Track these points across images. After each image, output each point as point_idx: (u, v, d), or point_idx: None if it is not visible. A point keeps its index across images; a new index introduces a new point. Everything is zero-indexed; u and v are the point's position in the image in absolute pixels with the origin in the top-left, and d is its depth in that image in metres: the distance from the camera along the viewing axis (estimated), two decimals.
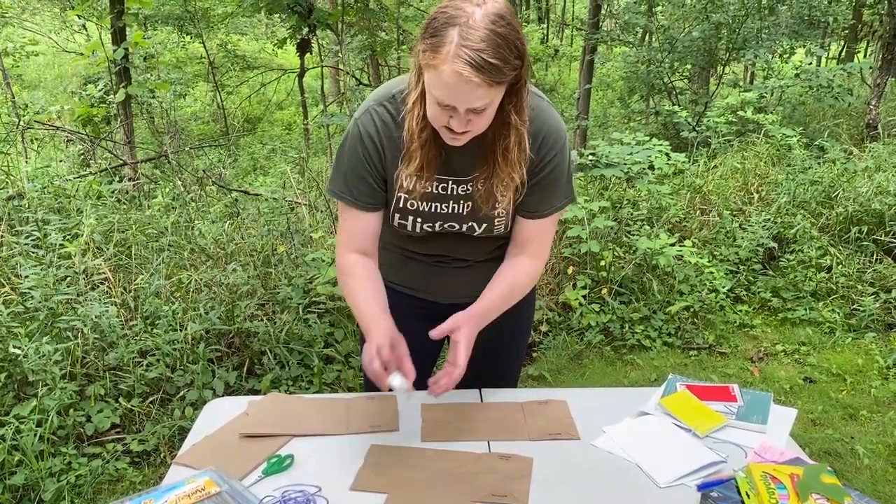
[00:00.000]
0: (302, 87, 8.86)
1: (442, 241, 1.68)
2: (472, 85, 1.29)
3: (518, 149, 1.47)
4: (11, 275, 3.37)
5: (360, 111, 1.56)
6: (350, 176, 1.58)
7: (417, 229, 1.62)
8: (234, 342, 3.37)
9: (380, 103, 1.54)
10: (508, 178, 1.49)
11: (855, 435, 3.12)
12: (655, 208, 4.85)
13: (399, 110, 1.52)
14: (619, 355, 3.84)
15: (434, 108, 1.39)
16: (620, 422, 1.64)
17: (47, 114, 7.75)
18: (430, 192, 1.57)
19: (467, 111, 1.35)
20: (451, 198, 1.58)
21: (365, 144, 1.55)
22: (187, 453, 1.53)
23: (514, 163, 1.48)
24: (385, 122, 1.53)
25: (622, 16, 10.03)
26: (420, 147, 1.48)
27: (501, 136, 1.45)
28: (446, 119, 1.39)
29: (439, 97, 1.35)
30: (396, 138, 1.53)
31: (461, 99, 1.33)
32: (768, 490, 1.32)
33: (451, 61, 1.27)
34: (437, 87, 1.33)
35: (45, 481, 2.57)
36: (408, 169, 1.51)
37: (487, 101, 1.34)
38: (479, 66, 1.26)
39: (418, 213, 1.60)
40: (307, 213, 4.56)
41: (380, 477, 1.45)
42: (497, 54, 1.27)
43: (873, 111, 7.68)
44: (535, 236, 1.65)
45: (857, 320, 4.09)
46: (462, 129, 1.39)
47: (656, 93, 10.15)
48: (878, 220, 4.78)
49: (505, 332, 1.84)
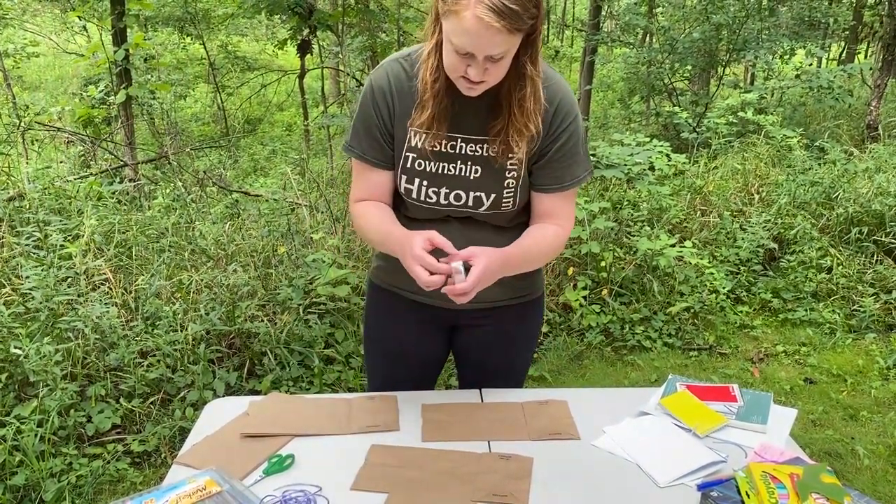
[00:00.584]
0: (302, 89, 8.86)
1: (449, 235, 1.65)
2: (493, 31, 1.30)
3: (534, 99, 1.47)
4: (12, 275, 3.38)
5: (374, 69, 1.58)
6: (361, 131, 1.59)
7: (423, 196, 1.60)
8: (234, 343, 3.37)
9: (395, 60, 1.56)
10: (524, 126, 1.49)
11: (855, 436, 3.12)
12: (656, 209, 4.85)
13: (413, 65, 1.53)
14: (619, 356, 3.84)
15: (452, 56, 1.39)
16: (621, 422, 1.64)
17: (48, 115, 7.76)
18: (437, 149, 1.55)
19: (485, 59, 1.36)
20: (458, 157, 1.57)
21: (375, 98, 1.56)
22: (188, 453, 1.53)
23: (530, 112, 1.48)
24: (398, 76, 1.54)
25: (622, 17, 10.04)
26: (433, 97, 1.48)
27: (517, 86, 1.46)
28: (464, 68, 1.39)
29: (459, 44, 1.35)
30: (408, 91, 1.54)
31: (481, 45, 1.33)
32: (768, 490, 1.33)
33: (473, 6, 1.28)
34: (458, 33, 1.34)
35: (46, 482, 2.57)
36: (419, 119, 1.51)
37: (506, 48, 1.35)
38: (501, 11, 1.28)
39: (425, 173, 1.58)
40: (308, 214, 4.56)
41: (380, 477, 1.45)
42: (517, 1, 1.29)
43: (874, 112, 7.68)
44: (557, 210, 1.64)
45: (857, 321, 4.09)
46: (479, 77, 1.39)
47: (657, 94, 10.16)
48: (878, 220, 4.78)
49: (516, 336, 1.84)
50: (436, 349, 1.87)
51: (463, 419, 1.66)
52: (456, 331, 1.86)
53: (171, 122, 9.94)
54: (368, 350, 1.94)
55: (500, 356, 1.84)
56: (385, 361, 1.87)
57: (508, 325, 1.80)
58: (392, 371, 1.86)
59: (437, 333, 1.83)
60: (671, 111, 7.75)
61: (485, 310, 1.76)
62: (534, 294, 1.81)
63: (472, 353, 1.88)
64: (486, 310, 1.76)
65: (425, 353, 1.86)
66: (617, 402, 1.75)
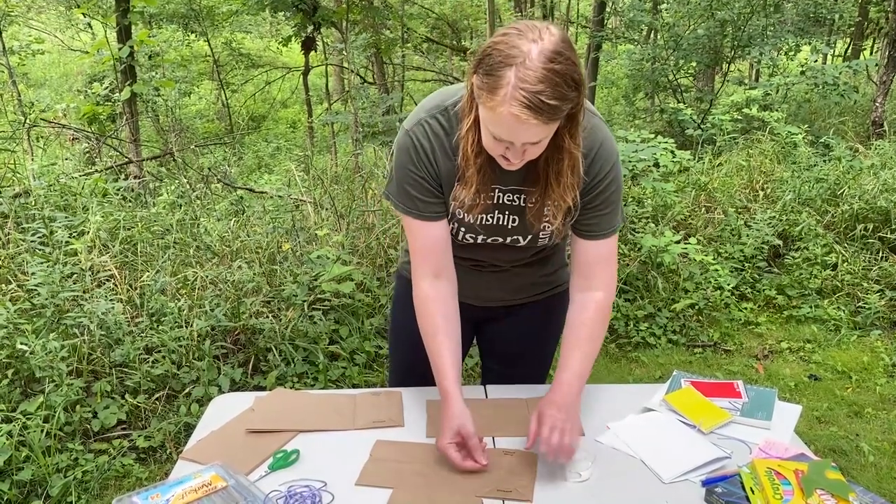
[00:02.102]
0: (306, 86, 8.88)
1: (480, 249, 1.65)
2: (530, 125, 1.25)
3: (571, 172, 1.42)
4: (18, 272, 3.39)
5: (411, 121, 1.51)
6: (411, 189, 1.52)
7: (459, 237, 1.59)
8: (239, 339, 3.37)
9: (432, 115, 1.50)
10: (561, 199, 1.45)
11: (860, 432, 3.12)
12: (660, 206, 4.84)
13: (451, 122, 1.48)
14: (623, 353, 3.84)
15: (490, 139, 1.36)
16: (625, 418, 1.64)
17: (53, 112, 7.78)
18: (476, 202, 1.52)
19: (524, 144, 1.33)
20: (496, 207, 1.54)
21: (420, 156, 1.50)
22: (193, 448, 1.54)
23: (567, 186, 1.44)
24: (437, 134, 1.49)
25: (627, 13, 10.02)
26: (476, 172, 1.44)
27: (554, 159, 1.41)
28: (502, 150, 1.36)
29: (495, 133, 1.32)
30: (449, 150, 1.49)
31: (518, 136, 1.30)
32: (773, 486, 1.33)
33: (508, 104, 1.23)
34: (494, 124, 1.30)
35: (52, 477, 2.58)
36: (464, 193, 1.48)
37: (544, 136, 1.32)
38: (538, 108, 1.23)
39: (463, 222, 1.56)
40: (312, 210, 4.56)
41: (385, 472, 1.45)
42: (555, 94, 1.23)
43: (879, 109, 7.66)
44: (600, 260, 1.58)
45: (862, 318, 4.08)
46: (518, 159, 1.37)
47: (661, 90, 10.14)
48: (883, 217, 4.77)
49: (544, 329, 1.85)
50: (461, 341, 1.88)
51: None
52: (483, 324, 1.88)
53: (176, 119, 9.95)
54: (394, 341, 1.95)
55: (527, 348, 1.86)
56: (412, 352, 1.87)
57: (536, 319, 1.82)
58: (416, 360, 1.85)
59: (464, 325, 1.81)
60: (676, 108, 7.73)
61: (513, 306, 1.77)
62: (561, 287, 1.82)
63: (497, 345, 1.91)
64: (514, 306, 1.77)
65: None
66: (621, 398, 1.75)
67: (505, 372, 1.88)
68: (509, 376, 1.84)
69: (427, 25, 14.61)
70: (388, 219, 4.30)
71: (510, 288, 1.75)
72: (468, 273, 1.69)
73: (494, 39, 1.27)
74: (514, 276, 1.73)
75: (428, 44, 14.79)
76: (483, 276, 1.72)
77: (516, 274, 1.72)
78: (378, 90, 11.45)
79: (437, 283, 1.57)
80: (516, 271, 1.72)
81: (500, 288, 1.75)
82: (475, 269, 1.71)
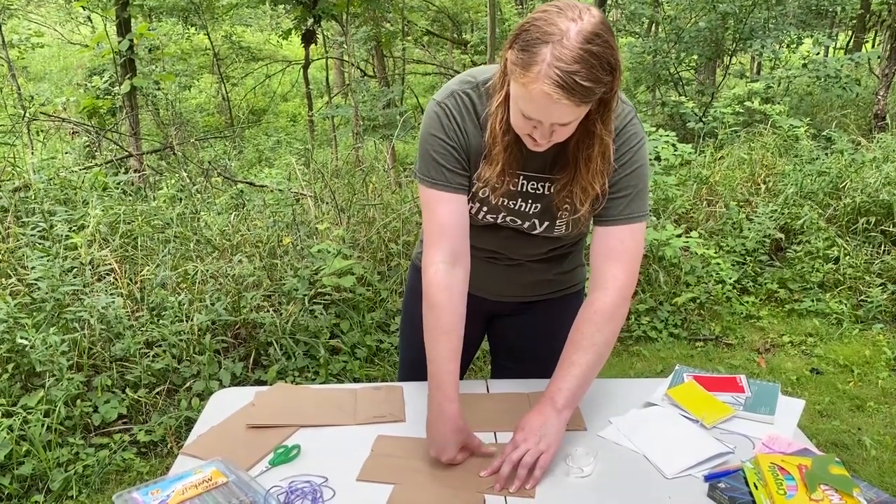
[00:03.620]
0: (307, 79, 8.86)
1: (496, 238, 1.64)
2: (561, 105, 1.24)
3: (602, 158, 1.40)
4: (18, 266, 3.38)
5: (442, 94, 1.49)
6: (437, 156, 1.49)
7: (480, 215, 1.57)
8: (240, 333, 3.37)
9: (463, 89, 1.48)
10: (590, 186, 1.43)
11: (862, 426, 3.11)
12: (662, 199, 4.83)
13: (482, 97, 1.47)
14: (625, 346, 3.83)
15: (518, 117, 1.34)
16: (627, 412, 1.63)
17: (53, 106, 7.77)
18: (500, 186, 1.50)
19: (552, 124, 1.31)
20: (520, 195, 1.53)
21: (452, 125, 1.48)
22: (194, 444, 1.53)
23: (596, 172, 1.41)
24: (467, 106, 1.48)
25: (628, 6, 9.98)
26: (503, 150, 1.42)
27: (585, 144, 1.39)
28: (530, 128, 1.34)
29: (525, 111, 1.30)
30: (479, 122, 1.48)
31: (548, 115, 1.28)
32: (776, 481, 1.32)
33: (541, 81, 1.21)
34: (525, 101, 1.29)
35: (53, 471, 2.58)
36: (488, 172, 1.46)
37: (575, 117, 1.30)
38: (571, 88, 1.21)
39: (486, 201, 1.55)
40: (312, 204, 4.55)
41: (386, 468, 1.45)
42: (590, 76, 1.21)
43: (881, 101, 7.64)
44: (614, 252, 1.51)
45: (864, 311, 4.07)
46: (546, 140, 1.35)
47: (663, 83, 10.10)
48: (885, 210, 4.75)
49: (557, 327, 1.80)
50: (472, 334, 1.84)
51: (469, 410, 1.64)
52: (495, 318, 1.88)
53: (176, 112, 9.94)
54: (405, 331, 1.93)
55: (540, 345, 1.84)
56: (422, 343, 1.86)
57: (549, 316, 1.81)
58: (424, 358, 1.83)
59: (477, 320, 1.81)
60: (677, 101, 7.71)
61: (527, 303, 1.76)
62: (576, 287, 1.81)
63: (508, 339, 1.90)
64: (528, 303, 1.76)
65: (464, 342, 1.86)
66: (623, 392, 1.74)
67: (515, 368, 1.86)
68: (519, 372, 1.83)
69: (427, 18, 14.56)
70: (388, 213, 4.29)
71: (525, 283, 1.73)
72: (483, 265, 1.68)
73: (534, 15, 1.26)
74: (529, 271, 1.71)
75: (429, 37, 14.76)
76: (498, 270, 1.71)
77: (531, 269, 1.71)
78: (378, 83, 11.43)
79: (451, 272, 1.50)
80: (532, 266, 1.71)
81: (514, 283, 1.73)
82: (490, 262, 1.69)
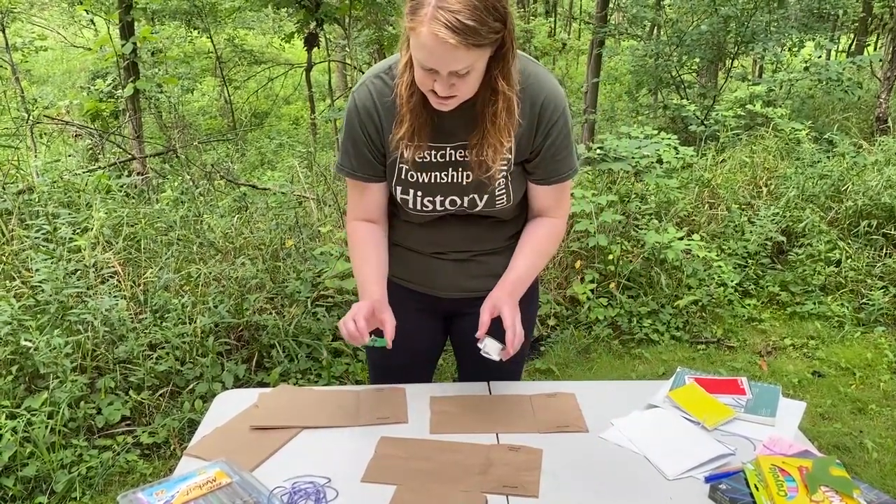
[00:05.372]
0: (309, 82, 8.88)
1: (440, 234, 1.68)
2: (449, 47, 1.30)
3: (507, 114, 1.47)
4: (22, 268, 3.40)
5: (356, 86, 1.59)
6: (350, 149, 1.61)
7: (419, 205, 1.62)
8: (243, 335, 3.38)
9: (376, 76, 1.57)
10: (498, 143, 1.50)
11: (864, 429, 3.12)
12: (663, 202, 4.84)
13: (394, 78, 1.53)
14: (626, 349, 3.84)
15: (419, 71, 1.41)
16: (629, 414, 1.64)
17: (56, 109, 7.79)
18: (427, 160, 1.57)
19: (450, 74, 1.37)
20: (449, 164, 1.58)
21: (361, 117, 1.57)
22: (198, 445, 1.54)
23: (503, 128, 1.48)
24: (381, 92, 1.55)
25: (630, 9, 10.00)
26: (409, 111, 1.49)
27: (489, 101, 1.46)
28: (431, 83, 1.40)
29: (421, 60, 1.37)
30: (392, 105, 1.54)
31: (441, 62, 1.34)
32: (777, 482, 1.32)
33: (427, 23, 1.29)
34: (418, 49, 1.35)
35: (57, 473, 2.59)
36: (399, 132, 1.52)
37: (468, 63, 1.35)
38: (455, 28, 1.28)
39: (419, 184, 1.60)
40: (315, 207, 4.57)
41: (389, 469, 1.46)
42: (474, 16, 1.28)
43: (883, 105, 7.64)
44: (554, 202, 1.68)
45: (866, 314, 4.07)
46: (446, 92, 1.40)
47: (664, 86, 10.11)
48: (887, 213, 4.76)
49: None
50: (433, 336, 1.91)
51: (471, 411, 1.66)
52: (453, 319, 1.88)
53: (179, 115, 9.96)
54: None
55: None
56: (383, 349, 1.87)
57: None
58: (389, 359, 1.84)
59: (435, 322, 1.87)
60: (679, 104, 7.72)
61: (481, 298, 1.77)
62: None
63: (468, 339, 1.88)
64: (481, 298, 1.77)
65: (421, 341, 1.88)
66: (625, 394, 1.75)
67: (480, 370, 1.81)
68: (482, 373, 1.81)
69: None
70: None
71: (474, 277, 1.74)
72: (430, 262, 1.73)
73: None
74: (477, 265, 1.73)
75: None
76: (445, 266, 1.73)
77: (480, 263, 1.73)
78: None
79: (369, 226, 1.70)
80: (480, 260, 1.73)
81: (463, 277, 1.75)
82: (437, 258, 1.73)
